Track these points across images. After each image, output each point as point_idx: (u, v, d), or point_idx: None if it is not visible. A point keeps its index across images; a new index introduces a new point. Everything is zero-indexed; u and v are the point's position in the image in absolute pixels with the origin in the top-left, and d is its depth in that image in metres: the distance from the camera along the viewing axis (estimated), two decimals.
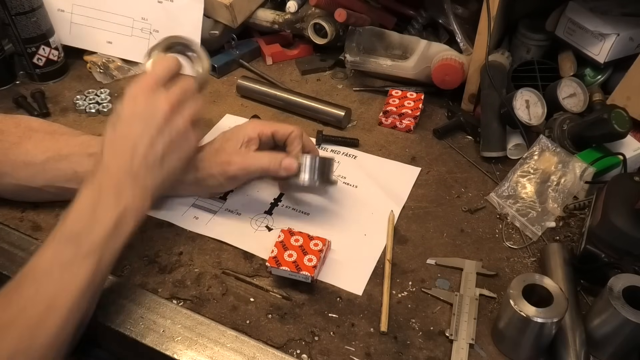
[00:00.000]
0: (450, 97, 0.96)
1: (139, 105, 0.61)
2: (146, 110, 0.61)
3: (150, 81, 0.62)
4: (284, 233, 0.67)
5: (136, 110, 0.61)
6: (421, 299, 0.64)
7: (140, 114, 0.61)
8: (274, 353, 0.58)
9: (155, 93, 0.62)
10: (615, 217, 0.61)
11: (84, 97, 0.96)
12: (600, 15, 0.86)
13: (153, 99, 0.61)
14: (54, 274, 0.52)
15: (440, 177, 0.82)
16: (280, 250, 0.65)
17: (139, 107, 0.61)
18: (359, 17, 0.98)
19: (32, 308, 0.50)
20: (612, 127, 0.72)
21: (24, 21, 0.93)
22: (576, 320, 0.58)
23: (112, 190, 0.57)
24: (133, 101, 0.61)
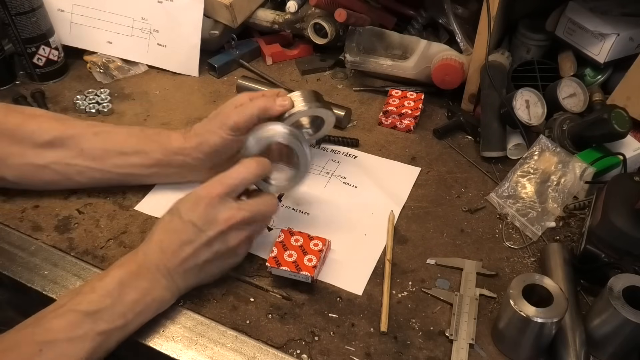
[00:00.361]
0: (450, 97, 0.96)
1: (198, 212, 0.59)
2: (203, 220, 0.59)
3: (221, 191, 0.60)
4: (283, 233, 0.67)
5: (194, 216, 0.59)
6: (421, 299, 0.64)
7: (196, 221, 0.59)
8: (274, 353, 0.58)
9: (220, 204, 0.60)
10: (615, 217, 0.61)
11: (84, 97, 0.96)
12: (600, 15, 0.86)
13: (215, 210, 0.59)
14: (62, 344, 0.52)
15: (440, 177, 0.82)
16: (280, 250, 0.65)
17: (198, 214, 0.59)
18: (359, 17, 0.98)
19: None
20: (612, 127, 0.72)
21: (24, 21, 0.93)
22: (576, 320, 0.58)
23: (145, 279, 0.58)
24: (195, 204, 0.59)
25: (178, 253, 0.59)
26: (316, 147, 0.87)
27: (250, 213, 0.61)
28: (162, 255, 0.59)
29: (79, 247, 0.69)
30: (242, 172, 0.62)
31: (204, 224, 0.59)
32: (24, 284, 0.65)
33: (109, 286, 0.56)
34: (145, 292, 0.57)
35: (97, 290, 0.55)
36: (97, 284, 0.56)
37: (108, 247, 0.69)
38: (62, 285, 0.65)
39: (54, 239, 0.70)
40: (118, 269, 0.58)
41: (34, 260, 0.68)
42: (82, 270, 0.67)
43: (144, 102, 0.97)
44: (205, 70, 1.05)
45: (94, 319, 0.53)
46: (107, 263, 0.67)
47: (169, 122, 0.92)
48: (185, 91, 1.00)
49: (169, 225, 0.60)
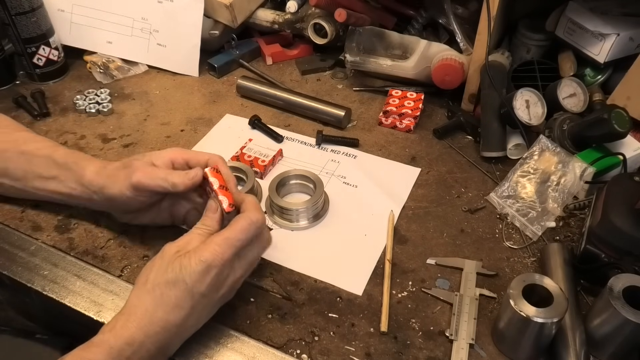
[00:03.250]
0: (450, 97, 0.96)
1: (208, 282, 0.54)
2: (212, 288, 0.55)
3: (230, 256, 0.55)
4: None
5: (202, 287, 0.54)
6: (421, 299, 0.64)
7: (206, 292, 0.54)
8: (274, 353, 0.58)
9: (230, 268, 0.56)
10: (615, 217, 0.61)
11: (84, 97, 0.96)
12: (600, 15, 0.86)
13: (224, 276, 0.55)
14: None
15: (440, 177, 0.82)
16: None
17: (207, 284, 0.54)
18: (359, 17, 0.98)
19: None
20: (612, 127, 0.72)
21: (24, 21, 0.93)
22: (576, 320, 0.58)
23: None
24: (204, 275, 0.53)
25: (182, 326, 0.54)
26: (316, 147, 0.87)
27: (250, 265, 0.59)
28: (165, 334, 0.53)
29: (79, 247, 0.69)
30: (250, 228, 0.56)
31: (212, 292, 0.55)
32: (24, 284, 0.65)
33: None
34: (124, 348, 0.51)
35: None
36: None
37: (108, 247, 0.69)
38: (62, 285, 0.65)
39: (54, 239, 0.70)
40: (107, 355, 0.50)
41: (34, 260, 0.68)
42: (82, 270, 0.67)
43: (144, 102, 0.97)
44: (205, 70, 1.05)
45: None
46: (107, 263, 0.67)
47: (169, 122, 0.92)
48: (185, 91, 1.00)
49: (173, 300, 0.53)
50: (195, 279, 0.53)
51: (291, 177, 0.77)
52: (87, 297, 0.64)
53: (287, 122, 0.93)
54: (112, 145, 0.87)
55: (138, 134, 0.89)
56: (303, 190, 0.78)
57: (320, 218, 0.74)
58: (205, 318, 0.57)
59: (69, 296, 0.64)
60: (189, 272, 0.53)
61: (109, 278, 0.66)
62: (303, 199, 0.74)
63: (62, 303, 0.63)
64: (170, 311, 0.53)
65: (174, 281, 0.53)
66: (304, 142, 0.88)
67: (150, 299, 0.53)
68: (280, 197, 0.74)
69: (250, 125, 0.91)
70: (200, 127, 0.91)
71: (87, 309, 0.62)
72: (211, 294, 0.55)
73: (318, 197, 0.73)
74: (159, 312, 0.53)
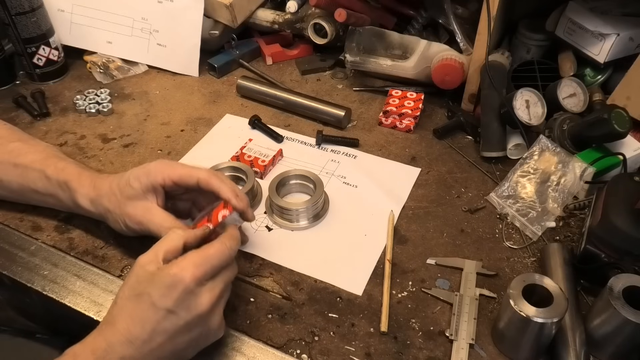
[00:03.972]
0: (450, 97, 0.96)
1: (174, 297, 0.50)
2: (180, 307, 0.50)
3: (200, 275, 0.51)
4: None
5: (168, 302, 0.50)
6: (421, 299, 0.64)
7: (172, 308, 0.50)
8: (274, 353, 0.58)
9: (199, 288, 0.52)
10: (615, 217, 0.61)
11: (84, 97, 0.96)
12: (600, 15, 0.86)
13: (193, 296, 0.51)
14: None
15: (440, 177, 0.82)
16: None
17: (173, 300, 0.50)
18: (359, 17, 0.98)
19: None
20: (612, 127, 0.72)
21: (24, 21, 0.93)
22: (576, 320, 0.58)
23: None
24: (170, 289, 0.50)
25: (149, 343, 0.50)
26: (316, 147, 0.87)
27: (225, 284, 0.55)
28: (129, 347, 0.50)
29: (79, 247, 0.69)
30: (224, 252, 0.54)
31: (181, 310, 0.50)
32: (24, 284, 0.65)
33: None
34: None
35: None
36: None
37: (108, 247, 0.69)
38: (62, 285, 0.65)
39: (54, 239, 0.70)
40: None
41: (34, 260, 0.68)
42: (82, 270, 0.67)
43: (144, 102, 0.97)
44: (205, 70, 1.05)
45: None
46: (107, 263, 0.68)
47: (169, 122, 0.92)
48: (185, 91, 1.00)
49: (137, 312, 0.50)
50: (161, 293, 0.50)
51: (291, 177, 0.77)
52: (87, 297, 0.64)
53: (287, 122, 0.93)
54: (112, 145, 0.87)
55: (138, 134, 0.89)
56: (303, 190, 0.78)
57: (320, 218, 0.74)
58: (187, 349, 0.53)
59: (69, 296, 0.64)
60: (156, 284, 0.50)
61: (109, 278, 0.66)
62: (303, 199, 0.75)
63: (62, 303, 0.63)
64: (132, 322, 0.50)
65: (140, 293, 0.51)
66: (304, 142, 0.88)
67: (117, 307, 0.52)
68: (280, 197, 0.74)
69: (250, 125, 0.91)
70: (200, 127, 0.91)
71: (87, 309, 0.62)
72: (180, 312, 0.50)
73: (318, 197, 0.73)
74: (120, 322, 0.50)
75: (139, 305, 0.51)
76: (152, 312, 0.50)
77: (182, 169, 0.62)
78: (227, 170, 0.79)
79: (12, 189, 0.70)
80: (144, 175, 0.62)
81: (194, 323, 0.52)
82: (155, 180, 0.62)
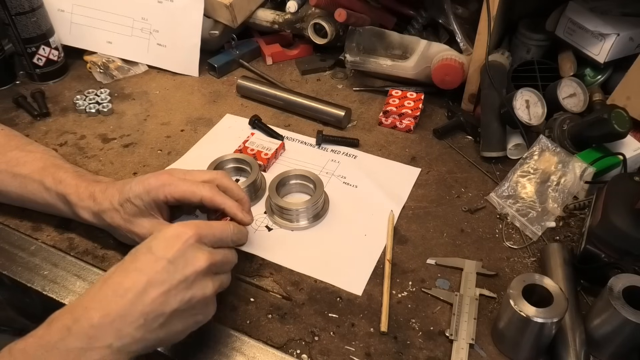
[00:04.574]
0: (450, 97, 0.96)
1: (175, 248, 0.50)
2: (180, 258, 0.50)
3: (200, 233, 0.52)
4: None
5: (169, 253, 0.49)
6: (421, 299, 0.64)
7: (172, 259, 0.49)
8: (274, 353, 0.58)
9: (199, 244, 0.52)
10: (615, 217, 0.61)
11: (84, 97, 0.96)
12: (600, 15, 0.86)
13: (193, 249, 0.51)
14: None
15: (440, 177, 0.82)
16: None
17: (174, 251, 0.50)
18: (359, 17, 0.98)
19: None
20: (612, 127, 0.72)
21: (24, 21, 0.93)
22: (576, 320, 0.58)
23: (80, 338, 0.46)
24: (172, 241, 0.50)
25: (142, 296, 0.47)
26: (316, 147, 0.87)
27: (224, 257, 0.55)
28: (118, 300, 0.47)
29: (79, 247, 0.69)
30: (227, 230, 0.55)
31: (180, 261, 0.49)
32: (24, 284, 0.65)
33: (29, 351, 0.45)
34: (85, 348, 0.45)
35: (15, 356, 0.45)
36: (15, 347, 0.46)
37: (108, 247, 0.69)
38: (62, 285, 0.65)
39: (54, 239, 0.70)
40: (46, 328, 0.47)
41: (34, 260, 0.68)
42: (82, 270, 0.67)
43: (144, 102, 0.97)
44: (205, 70, 1.05)
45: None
46: (107, 263, 0.67)
47: (169, 122, 0.92)
48: (185, 91, 1.00)
49: (133, 264, 0.49)
50: (162, 245, 0.50)
51: (291, 177, 0.77)
52: None
53: (287, 122, 0.93)
54: (112, 145, 0.87)
55: (138, 134, 0.89)
56: (303, 190, 0.78)
57: (320, 218, 0.74)
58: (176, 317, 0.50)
59: (69, 296, 0.64)
60: (157, 237, 0.51)
61: None
62: (303, 199, 0.75)
63: (62, 303, 0.63)
64: (126, 274, 0.48)
65: (136, 250, 0.51)
66: (304, 142, 0.88)
67: (110, 271, 0.50)
68: (280, 197, 0.74)
69: (251, 125, 0.91)
70: (200, 127, 0.91)
71: None
72: (178, 264, 0.49)
73: (318, 197, 0.73)
74: (113, 276, 0.49)
75: (137, 257, 0.50)
76: (151, 261, 0.49)
77: (184, 186, 0.60)
78: (231, 162, 0.80)
79: (12, 198, 0.70)
80: (145, 193, 0.60)
81: (190, 280, 0.50)
82: (157, 197, 0.60)
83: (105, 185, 0.64)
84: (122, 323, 0.46)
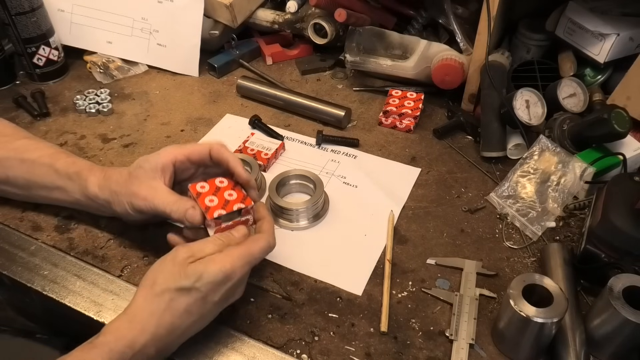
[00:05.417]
0: (450, 97, 0.96)
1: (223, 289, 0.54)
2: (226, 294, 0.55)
3: (249, 269, 0.56)
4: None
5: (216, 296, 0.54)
6: (421, 299, 0.64)
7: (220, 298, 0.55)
8: (274, 353, 0.58)
9: (243, 280, 0.57)
10: (615, 217, 0.61)
11: (84, 97, 0.96)
12: (600, 15, 0.86)
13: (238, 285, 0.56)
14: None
15: (440, 177, 0.82)
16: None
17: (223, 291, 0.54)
18: (359, 17, 0.98)
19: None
20: (612, 127, 0.72)
21: (24, 21, 0.93)
22: (576, 320, 0.58)
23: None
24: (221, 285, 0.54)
25: (189, 329, 0.55)
26: (316, 147, 0.87)
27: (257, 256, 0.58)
28: (169, 337, 0.53)
29: (79, 247, 0.69)
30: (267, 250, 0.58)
31: (223, 299, 0.56)
32: (24, 284, 0.65)
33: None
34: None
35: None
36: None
37: (108, 247, 0.69)
38: (62, 285, 0.65)
39: (54, 239, 0.70)
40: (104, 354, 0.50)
41: (34, 260, 0.68)
42: (82, 270, 0.67)
43: (144, 102, 0.97)
44: (205, 70, 1.05)
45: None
46: (107, 263, 0.67)
47: (169, 122, 0.92)
48: (185, 91, 1.00)
49: (184, 307, 0.53)
50: (212, 288, 0.53)
51: (291, 177, 0.77)
52: (87, 297, 0.64)
53: (287, 122, 0.93)
54: (112, 145, 0.87)
55: (138, 134, 0.89)
56: (303, 190, 0.78)
57: (320, 218, 0.74)
58: (209, 322, 0.57)
59: (69, 296, 0.64)
60: (207, 281, 0.53)
61: (109, 278, 0.66)
62: (303, 199, 0.75)
63: (62, 303, 0.63)
64: (179, 316, 0.53)
65: (189, 289, 0.53)
66: (304, 142, 0.88)
67: (159, 302, 0.52)
68: (280, 197, 0.74)
69: (251, 125, 0.91)
70: (200, 127, 0.91)
71: (87, 309, 0.62)
72: (222, 302, 0.56)
73: (318, 197, 0.73)
74: (166, 317, 0.52)
75: (187, 301, 0.53)
76: (201, 306, 0.54)
77: (192, 145, 0.64)
78: None
79: (19, 184, 0.70)
80: (154, 156, 0.63)
81: (228, 303, 0.57)
82: (166, 158, 0.63)
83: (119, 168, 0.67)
84: (169, 349, 0.55)
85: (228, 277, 0.54)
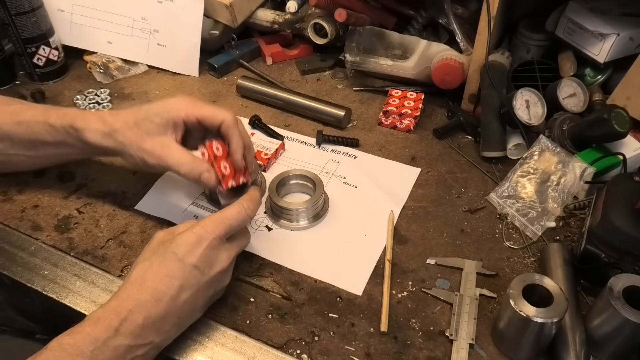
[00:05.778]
0: (450, 97, 0.96)
1: (199, 254, 0.55)
2: (205, 263, 0.55)
3: (222, 233, 0.57)
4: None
5: (193, 259, 0.54)
6: (421, 299, 0.64)
7: (198, 264, 0.55)
8: (274, 353, 0.58)
9: (221, 245, 0.57)
10: (615, 217, 0.61)
11: (84, 97, 0.96)
12: (600, 15, 0.86)
13: (216, 252, 0.57)
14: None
15: (440, 177, 0.82)
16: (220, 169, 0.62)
17: (199, 256, 0.55)
18: (359, 17, 0.98)
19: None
20: (612, 127, 0.72)
21: (24, 21, 0.93)
22: (576, 320, 0.58)
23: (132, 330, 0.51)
24: (195, 246, 0.55)
25: (176, 299, 0.54)
26: (316, 147, 0.87)
27: (241, 243, 0.61)
28: (157, 305, 0.52)
29: (79, 247, 0.69)
30: (242, 214, 0.59)
31: (206, 266, 0.55)
32: (24, 284, 0.65)
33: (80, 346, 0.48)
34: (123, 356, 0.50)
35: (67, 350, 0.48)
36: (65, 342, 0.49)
37: (108, 247, 0.69)
38: (62, 285, 0.65)
39: (54, 239, 0.70)
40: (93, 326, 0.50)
41: (34, 260, 0.68)
42: (82, 270, 0.67)
43: (144, 102, 0.97)
44: (205, 70, 1.05)
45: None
46: (107, 263, 0.68)
47: None
48: (185, 91, 1.00)
49: (165, 270, 0.54)
50: (186, 249, 0.55)
51: (291, 177, 0.77)
52: (87, 297, 0.64)
53: (287, 122, 0.93)
54: None
55: None
56: (303, 190, 0.78)
57: (320, 218, 0.74)
58: (202, 306, 0.58)
59: (69, 296, 0.64)
60: (179, 242, 0.55)
61: (109, 278, 0.66)
62: (303, 199, 0.75)
63: (62, 303, 0.63)
64: (160, 280, 0.53)
65: (164, 253, 0.55)
66: (304, 142, 0.88)
67: (138, 270, 0.54)
68: (280, 197, 0.74)
69: (251, 125, 0.91)
70: None
71: (87, 309, 0.62)
72: (204, 268, 0.55)
73: (318, 197, 0.73)
74: (148, 282, 0.53)
75: (165, 263, 0.54)
76: (179, 268, 0.54)
77: (207, 109, 0.64)
78: None
79: (24, 145, 0.70)
80: (165, 111, 0.63)
81: (214, 279, 0.57)
82: (178, 116, 0.62)
83: (114, 110, 0.67)
84: (161, 323, 0.53)
85: (200, 236, 0.55)
